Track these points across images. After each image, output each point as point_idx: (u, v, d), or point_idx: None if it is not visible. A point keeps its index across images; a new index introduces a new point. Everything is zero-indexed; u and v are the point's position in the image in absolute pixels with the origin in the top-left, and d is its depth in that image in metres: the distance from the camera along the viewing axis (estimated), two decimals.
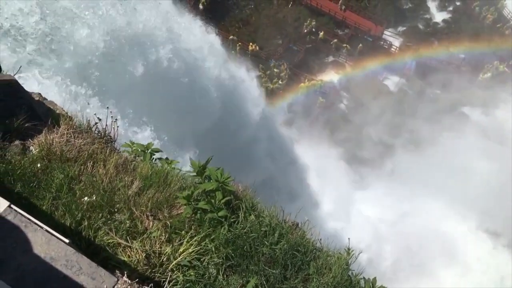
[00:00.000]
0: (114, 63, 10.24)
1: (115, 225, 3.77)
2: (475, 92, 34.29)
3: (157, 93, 12.14)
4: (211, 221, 3.96)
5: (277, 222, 4.09)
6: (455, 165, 27.94)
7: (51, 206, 3.75)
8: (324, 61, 35.91)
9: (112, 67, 10.17)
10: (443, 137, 31.48)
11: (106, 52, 9.92)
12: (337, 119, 32.47)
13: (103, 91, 9.17)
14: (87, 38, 9.57)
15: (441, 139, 31.22)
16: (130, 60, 10.81)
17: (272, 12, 36.44)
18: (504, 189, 25.47)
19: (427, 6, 39.77)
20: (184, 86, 13.27)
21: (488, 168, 27.27)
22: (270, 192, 14.11)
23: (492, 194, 26.33)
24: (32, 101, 4.47)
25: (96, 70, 9.54)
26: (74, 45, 9.29)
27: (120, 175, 4.25)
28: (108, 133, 4.78)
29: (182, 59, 13.29)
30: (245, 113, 18.46)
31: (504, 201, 25.09)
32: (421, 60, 35.51)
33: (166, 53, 12.34)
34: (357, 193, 28.03)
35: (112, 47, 10.08)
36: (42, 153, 4.09)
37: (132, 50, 11.04)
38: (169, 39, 13.03)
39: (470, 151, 29.46)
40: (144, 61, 11.23)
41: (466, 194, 26.39)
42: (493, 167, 27.35)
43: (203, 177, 4.22)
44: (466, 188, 26.50)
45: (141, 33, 11.52)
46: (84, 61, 9.37)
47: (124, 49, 10.68)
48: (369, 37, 35.80)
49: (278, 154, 21.71)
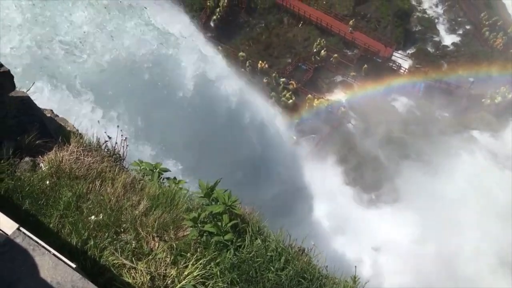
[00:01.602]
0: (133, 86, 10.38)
1: (121, 245, 3.75)
2: (484, 116, 34.17)
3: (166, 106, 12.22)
4: (217, 244, 3.93)
5: (283, 247, 4.06)
6: (464, 188, 27.63)
7: (58, 224, 3.75)
8: (333, 80, 36.05)
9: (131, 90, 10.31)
10: (452, 160, 31.27)
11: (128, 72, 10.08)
12: (344, 139, 32.38)
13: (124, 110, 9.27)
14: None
15: (450, 162, 31.00)
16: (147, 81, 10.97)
17: (282, 31, 36.81)
18: None
19: (436, 29, 40.00)
20: (193, 104, 13.38)
21: (497, 191, 26.92)
22: (276, 214, 14.03)
23: (502, 218, 25.94)
24: (44, 118, 4.51)
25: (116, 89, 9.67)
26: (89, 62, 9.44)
27: (127, 194, 4.25)
28: (118, 151, 4.80)
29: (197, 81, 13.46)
30: (253, 134, 18.49)
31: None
32: (430, 82, 35.53)
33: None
34: (364, 215, 27.74)
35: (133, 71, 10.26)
36: (51, 170, 4.10)
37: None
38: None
39: (479, 175, 29.20)
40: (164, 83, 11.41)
41: (475, 218, 25.99)
42: (502, 190, 27.00)
43: (210, 199, 4.20)
44: (475, 212, 26.13)
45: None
46: (101, 79, 9.49)
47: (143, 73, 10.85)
48: (378, 58, 35.93)
49: (286, 175, 21.65)
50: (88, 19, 10.19)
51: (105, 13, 10.45)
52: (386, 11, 37.57)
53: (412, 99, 35.49)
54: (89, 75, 9.20)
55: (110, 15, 11.06)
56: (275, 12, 36.96)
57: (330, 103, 33.34)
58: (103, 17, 10.59)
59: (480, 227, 26.27)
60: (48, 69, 8.09)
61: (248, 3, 36.21)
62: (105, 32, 9.88)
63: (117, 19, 10.92)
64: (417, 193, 28.09)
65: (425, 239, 25.89)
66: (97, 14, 10.26)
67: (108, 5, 11.28)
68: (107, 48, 10.02)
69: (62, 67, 8.30)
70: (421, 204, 27.06)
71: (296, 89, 33.59)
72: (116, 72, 10.20)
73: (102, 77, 9.68)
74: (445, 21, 40.66)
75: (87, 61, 9.28)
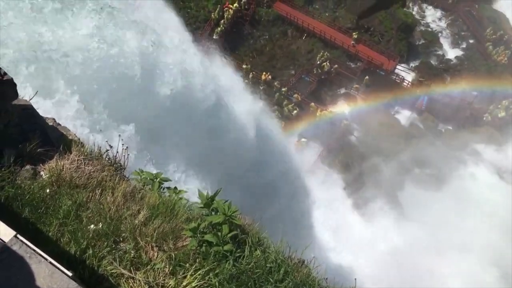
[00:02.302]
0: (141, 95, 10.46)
1: (120, 254, 3.74)
2: (488, 130, 34.11)
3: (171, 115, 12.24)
4: (216, 255, 3.91)
5: (282, 259, 4.03)
6: (467, 202, 27.46)
7: (58, 232, 3.74)
8: (336, 93, 36.16)
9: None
10: (455, 174, 31.15)
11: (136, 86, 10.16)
12: (347, 151, 32.35)
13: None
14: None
15: (453, 176, 30.88)
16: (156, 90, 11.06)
17: (286, 43, 37.05)
18: None
19: (440, 43, 40.17)
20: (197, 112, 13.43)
21: (501, 206, 26.72)
22: (276, 224, 13.97)
23: (505, 232, 25.71)
24: (46, 126, 4.53)
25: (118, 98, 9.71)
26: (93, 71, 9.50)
27: (127, 203, 4.25)
28: (119, 160, 4.81)
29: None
30: (255, 142, 18.50)
31: None
32: (433, 95, 35.55)
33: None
34: (366, 229, 27.57)
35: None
36: (52, 179, 4.11)
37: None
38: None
39: (482, 189, 29.04)
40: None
41: (478, 232, 25.77)
42: (505, 205, 26.80)
43: (210, 209, 4.19)
44: (478, 226, 25.93)
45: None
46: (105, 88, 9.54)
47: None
48: (381, 71, 36.04)
49: (287, 186, 21.59)
50: (93, 30, 10.30)
51: (108, 24, 10.58)
52: (390, 24, 37.78)
53: (415, 112, 35.51)
54: (91, 83, 9.27)
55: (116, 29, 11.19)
56: (279, 24, 37.24)
57: (333, 115, 33.41)
58: (106, 29, 10.71)
59: (483, 241, 26.06)
60: (50, 77, 8.16)
61: (252, 15, 36.50)
62: (108, 41, 9.99)
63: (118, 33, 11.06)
64: (419, 206, 27.95)
65: (426, 252, 25.65)
66: (100, 24, 10.37)
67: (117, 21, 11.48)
68: (114, 57, 10.08)
69: (62, 75, 8.36)
70: (423, 217, 26.91)
71: (300, 101, 33.69)
72: (125, 84, 10.26)
73: (109, 87, 9.73)
74: (448, 35, 40.88)
75: (88, 70, 9.35)
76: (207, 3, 35.80)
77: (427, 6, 42.51)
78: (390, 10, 38.29)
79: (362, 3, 38.34)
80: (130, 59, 10.49)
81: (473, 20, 40.37)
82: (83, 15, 9.99)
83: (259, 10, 36.94)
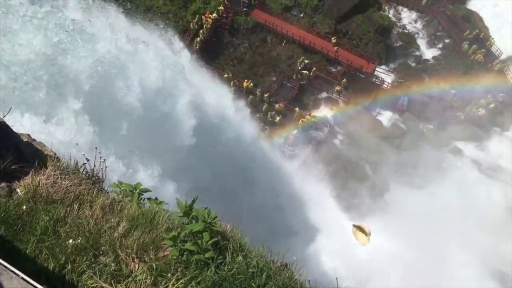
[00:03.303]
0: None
1: (100, 268, 3.70)
2: (468, 127, 34.70)
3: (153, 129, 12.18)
4: (198, 263, 3.89)
5: (265, 263, 4.03)
6: (450, 200, 27.80)
7: (35, 249, 3.69)
8: (318, 97, 36.42)
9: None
10: (438, 172, 31.54)
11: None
12: (331, 154, 32.53)
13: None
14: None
15: (436, 174, 31.26)
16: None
17: (266, 50, 37.26)
18: (499, 222, 25.25)
19: (416, 44, 40.84)
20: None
21: (482, 202, 27.12)
22: (260, 229, 13.98)
23: (488, 228, 26.07)
24: (20, 143, 4.48)
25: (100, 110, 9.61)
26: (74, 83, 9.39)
27: (106, 216, 4.21)
28: (96, 173, 4.77)
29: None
30: (238, 148, 18.53)
31: (499, 235, 24.79)
32: (413, 96, 36.08)
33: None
34: (350, 228, 27.58)
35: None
36: (28, 195, 4.06)
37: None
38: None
39: (465, 185, 29.45)
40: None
41: (461, 228, 26.09)
42: (487, 201, 27.22)
43: (190, 218, 4.18)
44: (462, 222, 26.24)
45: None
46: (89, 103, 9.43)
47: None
48: (361, 74, 36.44)
49: (271, 190, 21.62)
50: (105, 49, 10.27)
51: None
52: (367, 27, 38.29)
53: (397, 113, 35.97)
54: (75, 95, 9.17)
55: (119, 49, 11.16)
56: (258, 32, 37.44)
57: (317, 119, 33.62)
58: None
59: (467, 238, 26.38)
60: (23, 94, 8.06)
61: (231, 24, 36.66)
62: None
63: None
64: (404, 205, 28.20)
65: (412, 251, 25.83)
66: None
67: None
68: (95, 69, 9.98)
69: (37, 90, 8.26)
70: (408, 216, 27.14)
71: (282, 107, 33.83)
72: (104, 98, 10.16)
73: (90, 98, 9.62)
74: (424, 35, 41.58)
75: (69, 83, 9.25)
76: (186, 14, 35.90)
77: (402, 9, 43.20)
78: (366, 13, 38.82)
79: (339, 8, 38.79)
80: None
81: (448, 20, 41.17)
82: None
83: (238, 19, 37.13)
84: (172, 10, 35.59)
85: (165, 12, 35.26)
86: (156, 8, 35.22)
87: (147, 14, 33.70)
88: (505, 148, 33.26)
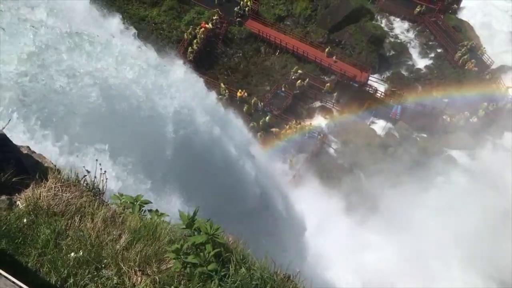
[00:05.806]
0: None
1: (102, 281, 3.66)
2: (461, 135, 34.94)
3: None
4: (201, 275, 3.86)
5: (268, 275, 4.01)
6: (443, 208, 27.91)
7: (37, 263, 3.65)
8: (312, 106, 36.57)
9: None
10: (432, 180, 31.67)
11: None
12: (326, 163, 32.60)
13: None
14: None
15: (429, 182, 31.38)
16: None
17: (259, 60, 37.44)
18: (491, 231, 25.37)
19: (409, 53, 41.25)
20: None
21: (476, 211, 27.23)
22: (260, 241, 13.91)
23: (481, 235, 26.18)
24: (20, 155, 4.45)
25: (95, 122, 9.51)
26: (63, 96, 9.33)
27: (108, 228, 4.18)
28: (97, 185, 4.74)
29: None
30: (234, 160, 18.48)
31: (492, 243, 24.89)
32: (406, 105, 36.36)
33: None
34: (347, 239, 27.62)
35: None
36: (29, 208, 4.02)
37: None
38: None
39: (457, 194, 29.59)
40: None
41: (454, 237, 26.18)
42: (480, 209, 27.35)
43: (193, 229, 4.15)
44: (454, 231, 26.33)
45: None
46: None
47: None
48: (355, 83, 36.70)
49: (268, 200, 21.56)
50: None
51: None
52: (360, 37, 38.66)
53: (390, 121, 36.18)
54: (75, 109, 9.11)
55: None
56: (252, 41, 37.64)
57: (311, 129, 33.74)
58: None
59: (459, 246, 26.48)
60: (24, 106, 7.99)
61: (225, 34, 36.81)
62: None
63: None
64: (398, 213, 28.26)
65: (406, 261, 25.87)
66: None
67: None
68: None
69: (37, 102, 8.21)
70: (402, 224, 27.23)
71: (277, 116, 33.92)
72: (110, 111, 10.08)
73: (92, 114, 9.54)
74: (417, 45, 42.03)
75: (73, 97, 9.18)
76: (180, 24, 36.00)
77: (394, 18, 43.70)
78: (359, 23, 39.24)
79: (332, 18, 39.19)
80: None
81: (440, 30, 41.67)
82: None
83: (231, 29, 37.32)
84: (166, 20, 35.69)
85: (159, 22, 35.34)
86: (150, 18, 35.30)
87: (140, 24, 33.78)
88: (498, 156, 33.49)
